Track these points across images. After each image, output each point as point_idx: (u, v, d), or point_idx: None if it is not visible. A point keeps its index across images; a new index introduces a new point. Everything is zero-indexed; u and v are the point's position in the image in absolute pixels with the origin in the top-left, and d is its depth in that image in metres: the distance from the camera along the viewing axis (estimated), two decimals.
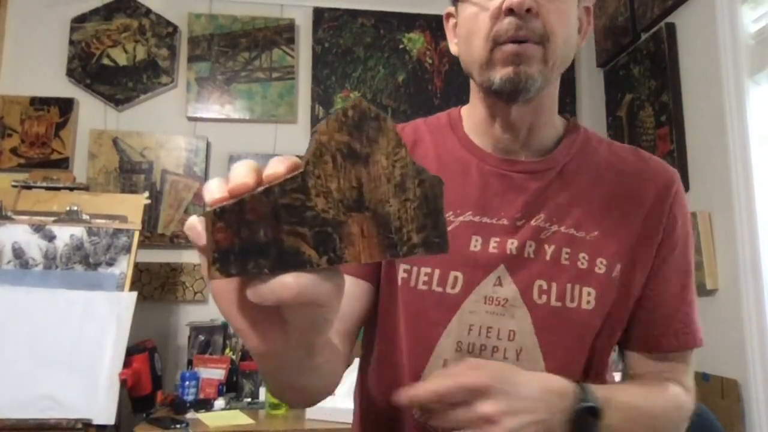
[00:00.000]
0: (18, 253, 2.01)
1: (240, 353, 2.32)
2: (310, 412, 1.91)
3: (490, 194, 0.74)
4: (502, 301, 0.71)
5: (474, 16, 0.71)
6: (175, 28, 2.71)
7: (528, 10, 0.67)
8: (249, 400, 2.16)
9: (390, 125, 0.35)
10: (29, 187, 2.21)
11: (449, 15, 0.80)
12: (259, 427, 1.89)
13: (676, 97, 2.15)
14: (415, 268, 0.72)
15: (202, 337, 2.33)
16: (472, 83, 0.78)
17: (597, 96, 2.77)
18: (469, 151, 0.78)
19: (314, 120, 2.72)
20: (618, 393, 0.69)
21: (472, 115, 0.80)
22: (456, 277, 0.72)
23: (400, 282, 0.73)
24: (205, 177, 2.62)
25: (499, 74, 0.69)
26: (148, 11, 2.70)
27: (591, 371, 0.74)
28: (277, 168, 0.34)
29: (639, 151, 0.81)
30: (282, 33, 2.77)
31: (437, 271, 0.72)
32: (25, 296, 1.94)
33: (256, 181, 0.34)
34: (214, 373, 2.19)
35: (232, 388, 2.22)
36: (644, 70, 2.35)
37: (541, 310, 0.70)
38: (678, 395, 0.74)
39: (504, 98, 0.71)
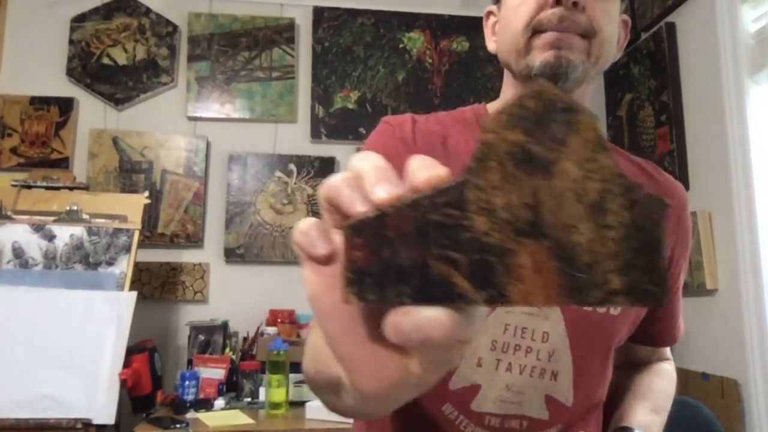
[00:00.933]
0: (18, 253, 2.01)
1: (240, 353, 2.32)
2: (310, 412, 1.90)
3: None
4: None
5: (519, 5, 0.71)
6: (175, 27, 2.71)
7: (575, 4, 0.67)
8: (249, 400, 2.16)
9: (587, 119, 0.26)
10: (29, 187, 2.21)
11: (490, 13, 0.81)
12: (259, 427, 1.89)
13: (676, 97, 2.15)
14: None
15: (202, 337, 2.33)
16: (506, 76, 0.78)
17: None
18: None
19: (314, 119, 2.72)
20: (643, 408, 0.82)
21: None
22: None
23: None
24: (205, 177, 2.62)
25: (539, 58, 0.69)
26: (148, 10, 2.70)
27: (605, 372, 0.78)
28: (436, 171, 0.26)
29: (654, 165, 0.85)
30: (282, 32, 2.77)
31: None
32: (25, 296, 1.94)
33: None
34: (214, 372, 2.19)
35: (232, 387, 2.21)
36: (644, 70, 2.35)
37: (573, 314, 0.72)
38: (668, 372, 0.91)
39: None
